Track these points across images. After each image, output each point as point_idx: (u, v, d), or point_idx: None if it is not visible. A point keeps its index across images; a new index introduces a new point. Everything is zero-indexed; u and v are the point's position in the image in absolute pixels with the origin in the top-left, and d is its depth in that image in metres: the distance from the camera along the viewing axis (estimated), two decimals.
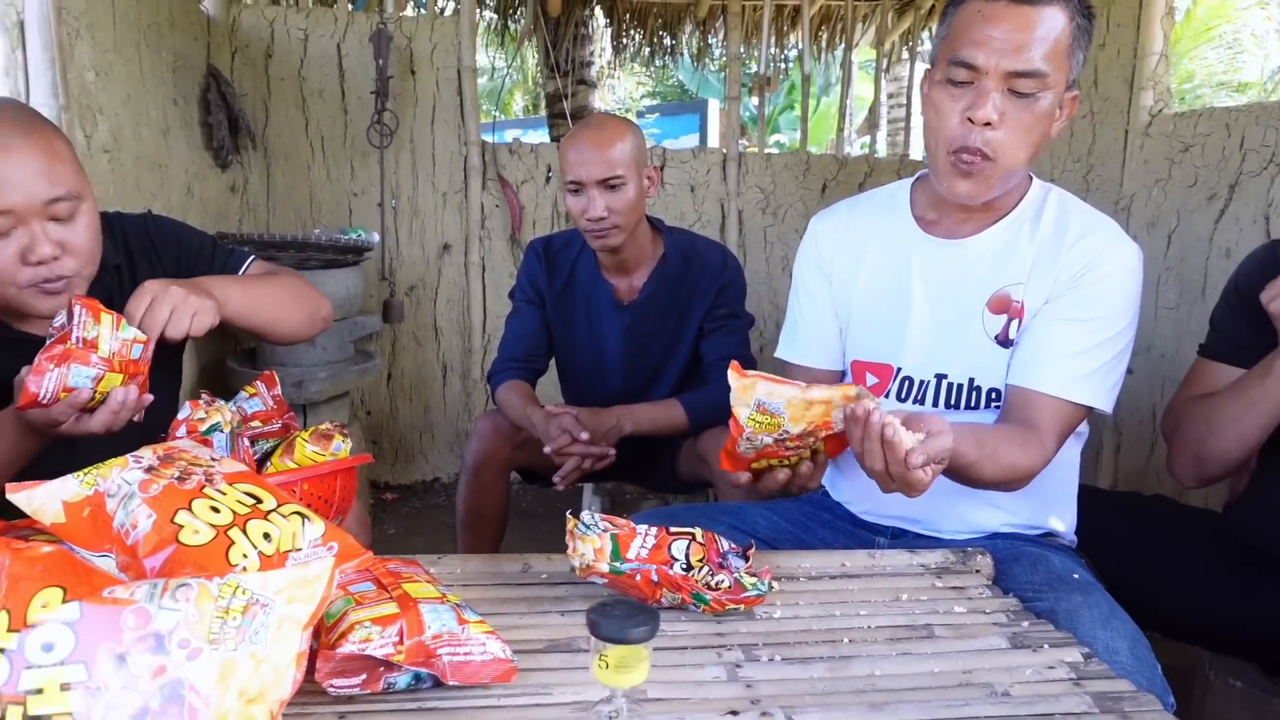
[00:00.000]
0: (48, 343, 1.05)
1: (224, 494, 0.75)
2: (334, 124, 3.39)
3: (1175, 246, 2.45)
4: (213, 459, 0.82)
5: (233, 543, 0.71)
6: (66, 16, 2.09)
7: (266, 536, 0.74)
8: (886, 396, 1.33)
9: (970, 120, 1.15)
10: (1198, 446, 1.35)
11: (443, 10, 3.83)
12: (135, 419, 1.16)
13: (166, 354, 1.43)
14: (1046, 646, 0.92)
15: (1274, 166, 2.14)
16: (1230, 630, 1.34)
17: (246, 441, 1.23)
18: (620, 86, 10.71)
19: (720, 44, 4.69)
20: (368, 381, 3.36)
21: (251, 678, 0.59)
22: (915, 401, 1.32)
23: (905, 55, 4.67)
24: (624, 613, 0.66)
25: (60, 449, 1.16)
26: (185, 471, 0.76)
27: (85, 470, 0.74)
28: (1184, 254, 2.42)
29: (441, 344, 3.63)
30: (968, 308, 1.27)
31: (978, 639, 0.94)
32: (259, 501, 0.77)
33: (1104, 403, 1.22)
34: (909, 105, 4.86)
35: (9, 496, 0.73)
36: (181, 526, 0.71)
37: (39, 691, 0.56)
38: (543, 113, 10.44)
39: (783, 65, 5.19)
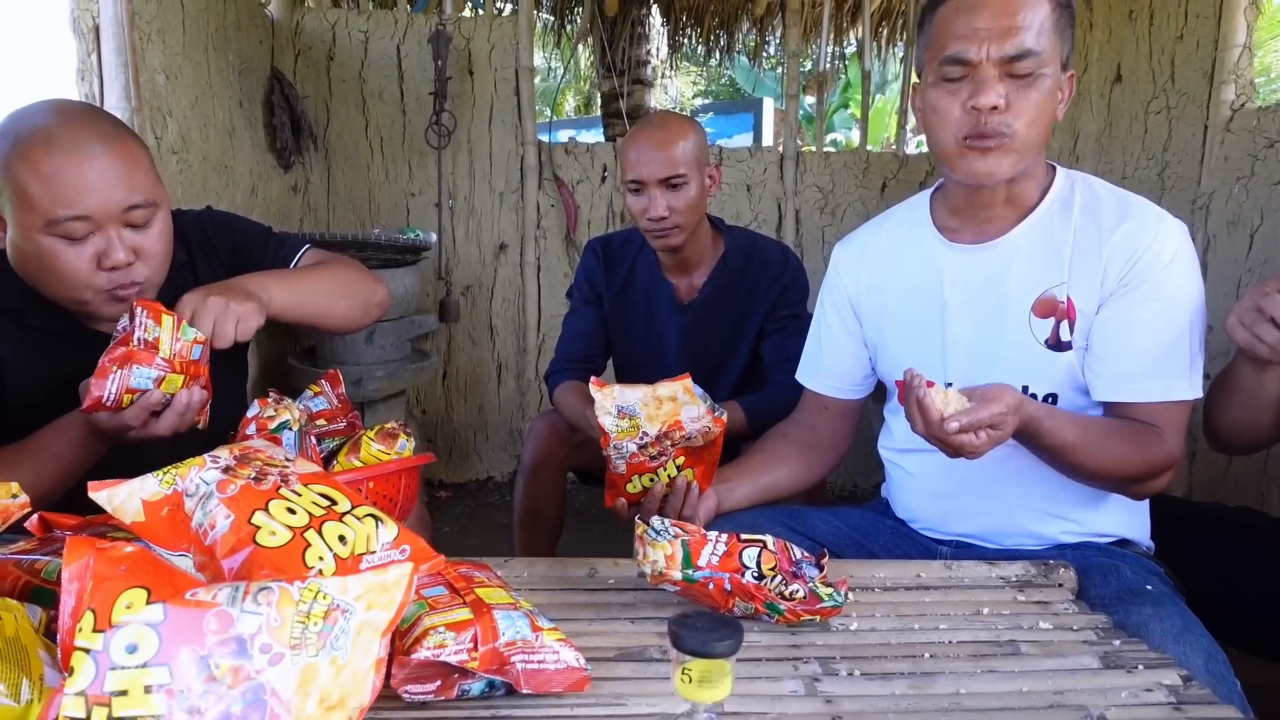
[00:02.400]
0: (110, 345, 1.07)
1: (299, 495, 0.75)
2: (393, 125, 3.43)
3: (1258, 246, 2.35)
4: (287, 459, 0.82)
5: (309, 544, 0.71)
6: (139, 21, 2.14)
7: (341, 539, 0.73)
8: None
9: (976, 109, 1.13)
10: (1206, 414, 1.31)
11: (500, 11, 3.84)
12: (199, 423, 1.17)
13: (231, 351, 1.44)
14: (1141, 667, 0.87)
15: None
16: None
17: (314, 440, 1.24)
18: (672, 85, 10.69)
19: (778, 42, 4.63)
20: (423, 380, 3.39)
21: (332, 684, 0.58)
22: None
23: None
24: (706, 625, 0.64)
25: (128, 450, 1.18)
26: (261, 472, 0.76)
27: (164, 470, 0.74)
28: (1268, 254, 2.32)
29: (496, 343, 3.65)
30: (1010, 314, 1.23)
31: (1067, 657, 0.90)
32: (333, 503, 0.76)
33: (1201, 388, 1.19)
34: None
35: (91, 495, 0.73)
36: (259, 528, 0.70)
37: (123, 693, 0.55)
38: (594, 112, 10.47)
39: (839, 63, 5.12)
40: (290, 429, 1.15)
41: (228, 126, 2.75)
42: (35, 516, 0.98)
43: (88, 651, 0.56)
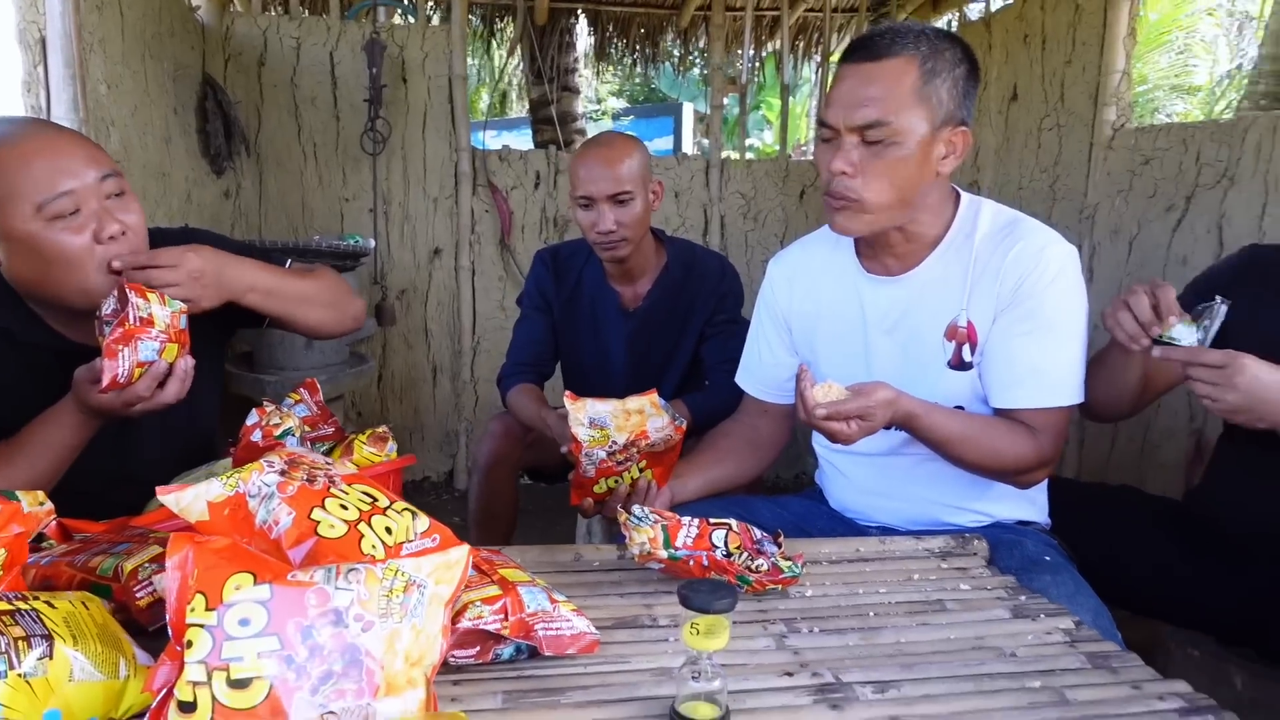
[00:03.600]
0: (107, 330, 1.14)
1: (347, 493, 0.86)
2: (326, 130, 3.46)
3: (1136, 254, 2.63)
4: (327, 463, 0.93)
5: (362, 535, 0.82)
6: (82, 32, 2.15)
7: (388, 530, 0.84)
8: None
9: (830, 171, 1.27)
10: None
11: (430, 19, 3.90)
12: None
13: (210, 351, 1.50)
14: (1042, 616, 1.06)
15: (1226, 180, 2.33)
16: (1190, 606, 1.49)
17: (309, 445, 1.33)
18: (589, 87, 10.80)
19: (699, 50, 4.81)
20: (361, 384, 3.43)
21: (413, 645, 0.70)
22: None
23: None
24: (708, 589, 0.78)
25: (112, 430, 1.26)
26: (310, 474, 0.87)
27: (227, 474, 0.84)
28: (1144, 260, 2.60)
29: (431, 346, 3.72)
30: (925, 340, 1.36)
31: (983, 611, 1.08)
32: (375, 500, 0.88)
33: (1081, 395, 1.34)
34: None
35: (160, 498, 0.82)
36: (318, 522, 0.81)
37: (239, 659, 0.66)
38: (510, 113, 10.48)
39: (755, 64, 5.34)
40: (293, 435, 1.24)
41: (164, 134, 2.76)
42: (54, 523, 1.07)
43: (202, 627, 0.67)
